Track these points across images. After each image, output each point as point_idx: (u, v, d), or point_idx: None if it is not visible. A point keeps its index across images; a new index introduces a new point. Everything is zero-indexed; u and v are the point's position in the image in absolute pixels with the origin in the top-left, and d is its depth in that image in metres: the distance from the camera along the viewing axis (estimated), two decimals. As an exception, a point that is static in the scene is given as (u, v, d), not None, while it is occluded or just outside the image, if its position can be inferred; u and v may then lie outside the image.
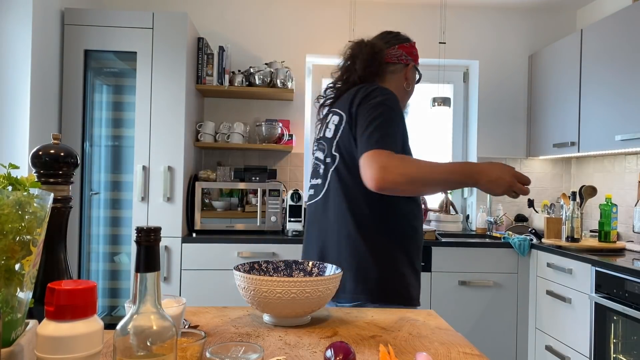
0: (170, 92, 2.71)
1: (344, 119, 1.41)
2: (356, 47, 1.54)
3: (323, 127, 1.51)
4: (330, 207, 1.43)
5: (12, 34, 2.36)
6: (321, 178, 1.47)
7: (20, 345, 0.65)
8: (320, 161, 1.48)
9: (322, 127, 1.52)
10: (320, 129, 1.54)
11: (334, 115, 1.46)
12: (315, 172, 1.51)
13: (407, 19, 3.53)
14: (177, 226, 2.72)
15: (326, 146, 1.46)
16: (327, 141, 1.46)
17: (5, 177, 0.71)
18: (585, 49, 2.88)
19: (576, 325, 2.47)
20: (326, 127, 1.48)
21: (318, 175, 1.49)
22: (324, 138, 1.48)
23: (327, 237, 1.44)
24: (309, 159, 3.57)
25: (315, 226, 1.49)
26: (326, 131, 1.47)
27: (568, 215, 2.69)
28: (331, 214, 1.43)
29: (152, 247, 0.64)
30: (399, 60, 1.56)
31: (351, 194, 1.40)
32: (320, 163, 1.48)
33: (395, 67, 1.56)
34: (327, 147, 1.45)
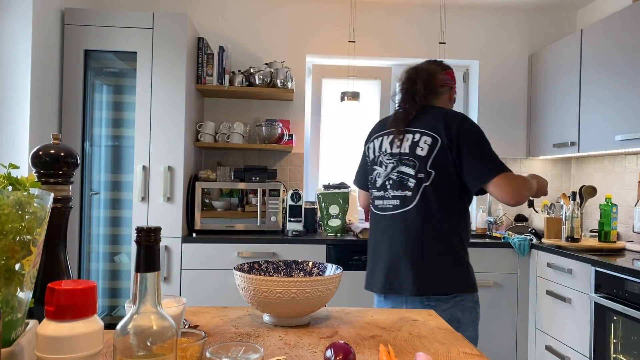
0: (170, 92, 2.71)
1: (440, 141, 1.66)
2: (413, 71, 1.81)
3: (406, 143, 1.72)
4: (424, 216, 1.67)
5: (12, 34, 2.36)
6: (411, 191, 1.70)
7: (21, 345, 0.65)
8: (410, 175, 1.70)
9: (402, 143, 1.73)
10: (400, 144, 1.73)
11: (423, 136, 1.69)
12: (402, 185, 1.72)
13: (407, 19, 3.53)
14: (177, 226, 2.72)
15: (418, 163, 1.69)
16: (418, 159, 1.68)
17: (5, 177, 0.71)
18: (585, 49, 2.88)
19: (576, 325, 2.47)
20: (415, 145, 1.70)
21: (406, 188, 1.71)
22: (416, 156, 1.69)
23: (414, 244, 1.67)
24: (309, 158, 3.57)
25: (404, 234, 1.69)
26: (417, 150, 1.69)
27: (568, 215, 2.69)
28: (425, 221, 1.67)
29: (152, 247, 0.64)
30: (445, 83, 1.83)
31: (445, 205, 1.67)
32: (411, 177, 1.70)
33: (443, 89, 1.83)
34: (420, 164, 1.68)
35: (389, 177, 1.76)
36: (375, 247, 1.79)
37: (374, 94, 3.63)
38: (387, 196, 1.76)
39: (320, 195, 3.07)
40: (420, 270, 1.66)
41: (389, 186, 1.76)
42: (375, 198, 1.82)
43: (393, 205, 1.74)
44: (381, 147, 1.81)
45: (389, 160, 1.77)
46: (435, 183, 1.66)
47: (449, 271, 1.68)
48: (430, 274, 1.66)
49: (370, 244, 1.84)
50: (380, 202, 1.79)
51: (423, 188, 1.68)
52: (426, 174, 1.68)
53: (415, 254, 1.67)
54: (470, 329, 1.71)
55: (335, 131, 3.61)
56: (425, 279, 1.66)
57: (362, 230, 2.87)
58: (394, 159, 1.75)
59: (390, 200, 1.75)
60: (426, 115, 1.72)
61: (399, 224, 1.71)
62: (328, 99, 3.61)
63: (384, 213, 1.77)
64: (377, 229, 1.79)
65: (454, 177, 1.66)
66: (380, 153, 1.81)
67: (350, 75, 3.57)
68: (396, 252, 1.70)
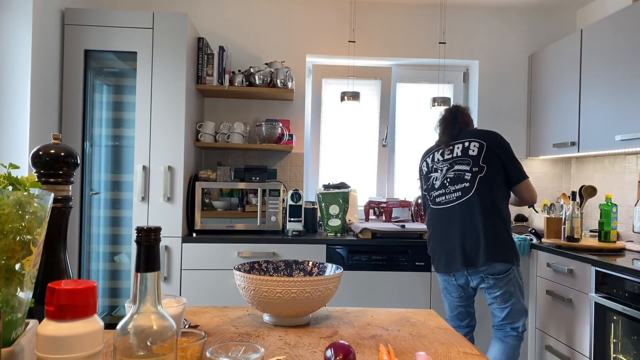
0: (170, 92, 2.72)
1: (486, 145, 2.26)
2: (453, 108, 2.47)
3: (457, 150, 2.30)
4: (480, 202, 2.18)
5: (12, 34, 2.36)
6: (468, 182, 2.22)
7: (21, 345, 0.65)
8: (466, 171, 2.23)
9: (455, 150, 2.30)
10: (451, 152, 2.31)
11: (472, 142, 2.28)
12: (460, 179, 2.24)
13: (407, 19, 3.53)
14: (177, 226, 2.72)
15: (471, 161, 2.24)
16: (471, 157, 2.25)
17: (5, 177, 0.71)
18: (585, 49, 2.88)
19: (576, 325, 2.47)
20: (466, 149, 2.27)
21: (464, 181, 2.23)
22: (469, 156, 2.26)
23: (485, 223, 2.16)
24: (309, 158, 3.58)
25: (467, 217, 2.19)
26: (469, 152, 2.26)
27: (568, 215, 2.70)
28: (481, 207, 2.18)
29: (152, 247, 0.64)
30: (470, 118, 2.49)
31: (494, 192, 2.21)
32: (466, 173, 2.23)
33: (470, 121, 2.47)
34: (473, 162, 2.24)
35: (446, 176, 2.29)
36: (445, 235, 2.25)
37: (374, 94, 3.63)
38: (448, 191, 2.26)
39: (320, 195, 3.07)
40: (492, 243, 2.15)
41: (447, 183, 2.28)
42: (436, 197, 2.32)
43: (456, 197, 2.24)
44: (434, 159, 2.37)
45: (443, 165, 2.31)
46: (487, 175, 2.21)
47: (508, 244, 2.20)
48: (499, 247, 2.17)
49: (437, 235, 2.31)
50: (442, 198, 2.29)
51: (478, 179, 2.20)
52: (480, 168, 2.22)
53: (484, 231, 2.15)
54: (521, 301, 2.27)
55: (335, 131, 3.62)
56: (497, 251, 2.15)
57: (362, 230, 2.88)
58: (447, 163, 2.30)
59: (452, 194, 2.25)
60: (467, 132, 2.34)
61: (464, 210, 2.20)
62: (328, 99, 3.61)
63: (447, 206, 2.26)
64: (442, 220, 2.27)
65: (501, 172, 2.24)
66: (434, 163, 2.36)
67: (350, 75, 3.57)
68: (466, 234, 2.19)
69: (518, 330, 2.30)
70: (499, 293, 2.23)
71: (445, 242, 2.27)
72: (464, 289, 2.34)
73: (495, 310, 2.33)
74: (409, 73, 3.68)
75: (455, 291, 2.36)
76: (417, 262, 2.83)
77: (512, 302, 2.25)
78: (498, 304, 2.28)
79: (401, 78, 3.67)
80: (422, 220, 3.35)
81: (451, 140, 2.34)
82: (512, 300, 2.24)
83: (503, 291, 2.22)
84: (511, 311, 2.28)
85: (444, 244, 2.28)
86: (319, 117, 3.60)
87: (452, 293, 2.38)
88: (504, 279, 2.20)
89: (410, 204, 3.37)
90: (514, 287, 2.24)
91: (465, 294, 2.36)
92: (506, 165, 2.26)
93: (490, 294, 2.27)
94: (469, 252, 2.18)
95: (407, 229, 2.87)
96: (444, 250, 2.27)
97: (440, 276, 2.40)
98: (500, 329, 2.35)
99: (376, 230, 2.85)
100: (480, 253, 2.15)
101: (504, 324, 2.32)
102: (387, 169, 3.62)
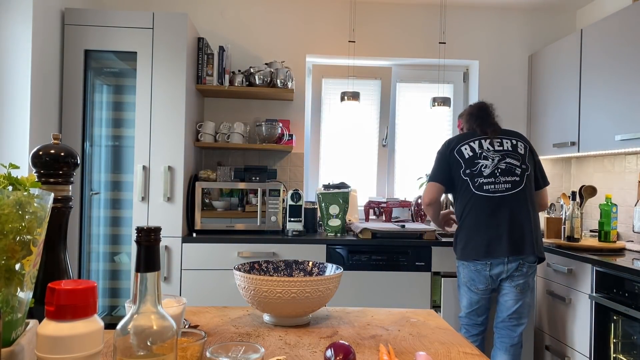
0: (170, 92, 2.71)
1: (528, 148, 2.45)
2: (482, 104, 2.62)
3: (506, 144, 2.42)
4: (526, 197, 2.34)
5: (13, 34, 2.36)
6: (519, 177, 2.35)
7: (21, 345, 0.65)
8: (517, 166, 2.37)
9: (505, 144, 2.42)
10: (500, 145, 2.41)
11: (519, 142, 2.44)
12: (511, 172, 2.36)
13: (407, 19, 3.53)
14: (177, 226, 2.72)
15: (521, 158, 2.39)
16: (520, 155, 2.40)
17: (5, 177, 0.71)
18: (585, 49, 2.88)
19: (576, 325, 2.47)
20: (515, 146, 2.41)
21: (514, 174, 2.35)
22: (518, 153, 2.39)
23: (532, 216, 2.33)
24: (309, 158, 3.58)
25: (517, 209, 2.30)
26: (518, 149, 2.41)
27: (568, 215, 2.69)
28: (527, 202, 2.33)
29: (152, 247, 0.64)
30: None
31: (533, 191, 2.40)
32: (517, 167, 2.37)
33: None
34: (522, 159, 2.39)
35: (497, 166, 2.37)
36: (491, 222, 2.30)
37: (374, 94, 3.63)
38: (498, 181, 2.35)
39: (320, 195, 3.07)
40: (536, 235, 2.30)
41: (498, 173, 2.36)
42: (483, 184, 2.36)
43: (505, 188, 2.34)
44: (482, 147, 2.41)
45: (495, 155, 2.39)
46: (530, 174, 2.39)
47: (541, 238, 2.36)
48: (539, 240, 2.33)
49: (481, 222, 2.32)
50: (491, 187, 2.35)
51: (526, 176, 2.36)
52: (527, 166, 2.39)
53: (530, 223, 2.29)
54: (531, 296, 2.39)
55: (335, 131, 3.62)
56: (538, 242, 2.31)
57: (362, 230, 2.88)
58: (499, 154, 2.39)
59: (502, 184, 2.34)
60: (509, 131, 2.49)
61: (513, 201, 2.31)
62: (328, 99, 3.61)
63: (496, 195, 2.33)
64: (487, 208, 2.32)
65: (533, 173, 2.43)
66: (483, 150, 2.40)
67: (350, 75, 3.57)
68: (518, 223, 2.28)
69: (520, 332, 2.36)
70: (522, 282, 2.31)
71: (489, 230, 2.29)
72: (493, 281, 2.32)
73: (508, 302, 2.33)
74: (409, 73, 3.68)
75: (484, 282, 2.33)
76: (417, 262, 2.83)
77: (527, 295, 2.34)
78: (515, 293, 2.31)
79: (401, 78, 3.67)
80: (422, 220, 3.35)
81: (498, 133, 2.44)
82: (528, 292, 2.34)
83: (525, 281, 2.31)
84: (523, 304, 2.34)
85: (488, 231, 2.29)
86: (319, 117, 3.60)
87: (479, 284, 2.34)
88: (532, 268, 2.33)
89: (410, 204, 3.37)
90: (533, 280, 2.37)
91: (491, 286, 2.35)
92: (537, 169, 2.47)
93: (513, 281, 2.30)
94: (517, 241, 2.26)
95: (407, 229, 2.87)
96: (487, 237, 2.29)
97: (470, 265, 2.34)
98: (504, 329, 2.36)
99: (376, 230, 2.85)
100: (526, 242, 2.26)
101: (511, 318, 2.33)
102: (387, 169, 3.62)
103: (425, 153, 3.63)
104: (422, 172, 3.56)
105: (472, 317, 2.42)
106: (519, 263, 2.28)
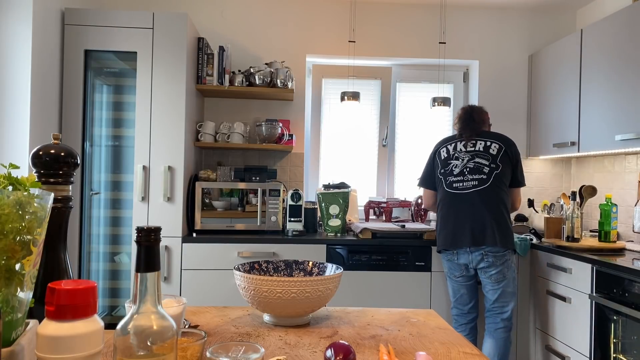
0: (170, 92, 2.72)
1: (504, 149, 2.57)
2: (468, 108, 2.74)
3: (479, 145, 2.59)
4: (492, 194, 2.50)
5: (13, 34, 2.36)
6: (486, 175, 2.53)
7: (21, 345, 0.65)
8: (485, 165, 2.55)
9: (477, 145, 2.59)
10: (473, 146, 2.59)
11: (493, 143, 2.59)
12: (478, 171, 2.54)
13: (407, 19, 3.53)
14: (177, 226, 2.72)
15: (491, 158, 2.56)
16: (491, 155, 2.56)
17: (5, 177, 0.71)
18: (585, 49, 2.88)
19: (576, 325, 2.47)
20: (487, 147, 2.58)
21: (482, 173, 2.54)
22: (489, 154, 2.56)
23: (495, 211, 2.48)
24: (310, 158, 3.58)
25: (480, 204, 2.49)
26: (490, 150, 2.57)
27: (568, 215, 2.69)
28: (492, 198, 2.50)
29: (152, 247, 0.64)
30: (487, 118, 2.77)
31: (503, 188, 2.54)
32: (485, 167, 2.54)
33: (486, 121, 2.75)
34: (492, 159, 2.55)
35: (466, 166, 2.56)
36: (457, 216, 2.52)
37: (374, 94, 3.63)
38: (466, 179, 2.54)
39: (321, 195, 3.07)
40: (497, 228, 2.45)
41: (467, 171, 2.55)
42: (453, 182, 2.58)
43: (472, 185, 2.53)
44: (456, 148, 2.62)
45: (465, 155, 2.58)
46: (501, 173, 2.54)
47: (508, 232, 2.49)
48: (501, 232, 2.46)
49: (449, 216, 2.55)
50: (459, 184, 2.55)
51: (494, 174, 2.53)
52: (496, 166, 2.54)
53: (492, 217, 2.46)
54: (512, 286, 2.52)
55: (335, 131, 3.62)
56: (500, 234, 2.45)
57: (362, 230, 2.88)
58: (469, 154, 2.58)
59: (470, 182, 2.54)
60: (489, 133, 2.65)
61: (478, 198, 2.50)
62: (328, 99, 3.61)
63: (463, 191, 2.54)
64: (455, 203, 2.55)
65: (509, 173, 2.58)
66: (455, 151, 2.61)
67: (350, 75, 3.57)
68: (477, 218, 2.47)
69: (505, 317, 2.52)
70: (494, 272, 2.48)
71: (456, 223, 2.53)
72: (466, 269, 2.56)
73: (488, 292, 2.55)
74: (409, 73, 3.68)
75: (458, 270, 2.58)
76: (417, 262, 2.83)
77: (504, 284, 2.50)
78: (492, 284, 2.51)
79: (401, 78, 3.67)
80: (422, 220, 3.35)
81: (474, 135, 2.62)
82: (504, 282, 2.50)
83: (497, 271, 2.48)
84: (502, 293, 2.51)
85: (454, 224, 2.53)
86: (319, 117, 3.60)
87: (455, 272, 2.60)
88: (500, 259, 2.47)
89: (410, 204, 3.37)
90: (508, 270, 2.51)
91: (466, 273, 2.58)
92: (514, 168, 2.59)
93: (486, 272, 2.50)
94: (477, 234, 2.46)
95: (407, 229, 2.87)
96: (453, 229, 2.53)
97: (444, 256, 2.64)
98: (490, 316, 2.56)
99: (376, 230, 2.85)
100: (486, 234, 2.45)
101: (494, 307, 2.54)
102: (387, 169, 3.62)
103: (425, 153, 3.62)
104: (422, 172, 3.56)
105: (458, 307, 2.65)
106: (482, 253, 2.47)
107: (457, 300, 2.64)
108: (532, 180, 3.55)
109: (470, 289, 2.62)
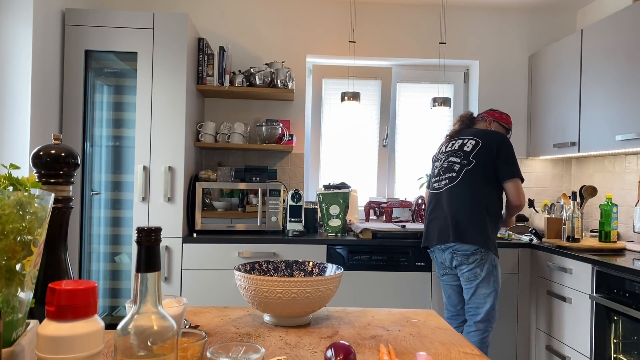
0: (170, 93, 2.72)
1: (481, 143, 2.49)
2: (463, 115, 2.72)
3: (456, 144, 2.57)
4: (462, 191, 2.44)
5: (13, 35, 2.36)
6: (456, 173, 2.49)
7: (21, 345, 0.65)
8: (456, 163, 2.51)
9: (455, 144, 2.57)
10: (452, 146, 2.58)
11: (469, 140, 2.53)
12: (450, 169, 2.52)
13: (407, 19, 3.53)
14: (177, 226, 2.72)
15: (463, 155, 2.50)
16: (464, 152, 2.50)
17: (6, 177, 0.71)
18: (585, 49, 2.88)
19: (576, 325, 2.47)
20: (462, 145, 2.54)
21: (453, 171, 2.50)
22: (462, 151, 2.51)
23: (460, 207, 2.42)
24: (310, 159, 3.58)
25: (448, 201, 2.46)
26: (464, 147, 2.52)
27: (568, 215, 2.69)
28: (462, 195, 2.43)
29: (152, 247, 0.64)
30: (483, 117, 2.73)
31: (481, 185, 2.44)
32: (456, 164, 2.51)
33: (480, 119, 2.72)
34: (464, 156, 2.50)
35: (442, 166, 2.57)
36: (430, 214, 2.55)
37: (374, 94, 3.63)
38: (441, 179, 2.54)
39: (321, 196, 3.07)
40: (465, 225, 2.39)
41: (442, 171, 2.56)
42: (432, 182, 2.62)
43: (445, 184, 2.51)
44: (440, 151, 2.66)
45: (443, 155, 2.60)
46: (475, 168, 2.45)
47: (480, 229, 2.38)
48: (468, 229, 2.38)
49: (427, 214, 2.59)
50: (436, 184, 2.57)
51: (465, 171, 2.47)
52: (468, 162, 2.48)
53: (459, 214, 2.41)
54: (487, 287, 2.40)
55: (335, 131, 3.62)
56: (465, 232, 2.38)
57: (362, 231, 2.88)
58: (446, 154, 2.59)
59: (443, 181, 2.53)
60: (469, 130, 2.62)
61: (447, 195, 2.48)
62: (328, 99, 3.61)
63: (438, 191, 2.54)
64: (432, 203, 2.57)
65: (492, 168, 2.45)
66: (439, 154, 2.65)
67: (350, 76, 3.57)
68: (445, 215, 2.45)
69: (478, 320, 2.42)
70: (466, 271, 2.42)
71: (429, 220, 2.57)
72: (449, 268, 2.54)
73: (463, 292, 2.50)
74: (409, 73, 3.68)
75: (441, 269, 2.59)
76: (418, 262, 2.83)
77: (477, 283, 2.41)
78: (464, 282, 2.46)
79: (401, 78, 3.67)
80: (422, 220, 3.35)
81: (454, 135, 2.65)
82: (477, 281, 2.40)
83: (469, 269, 2.41)
84: (476, 293, 2.43)
85: (428, 222, 2.58)
86: (319, 117, 3.60)
87: (439, 271, 2.61)
88: (470, 257, 2.39)
89: (410, 204, 3.37)
90: (482, 270, 2.39)
91: (451, 273, 2.55)
92: (497, 162, 2.45)
93: (460, 270, 2.47)
94: (443, 230, 2.45)
95: (408, 229, 2.87)
96: (427, 227, 2.58)
97: (429, 254, 2.67)
98: (468, 318, 2.50)
99: (377, 230, 2.85)
100: (450, 232, 2.41)
101: (469, 307, 2.47)
102: (387, 169, 3.62)
103: (426, 153, 3.63)
104: (422, 172, 3.56)
105: (449, 308, 2.62)
106: (451, 252, 2.44)
107: (447, 301, 2.61)
108: (533, 181, 3.55)
109: (457, 290, 2.57)
